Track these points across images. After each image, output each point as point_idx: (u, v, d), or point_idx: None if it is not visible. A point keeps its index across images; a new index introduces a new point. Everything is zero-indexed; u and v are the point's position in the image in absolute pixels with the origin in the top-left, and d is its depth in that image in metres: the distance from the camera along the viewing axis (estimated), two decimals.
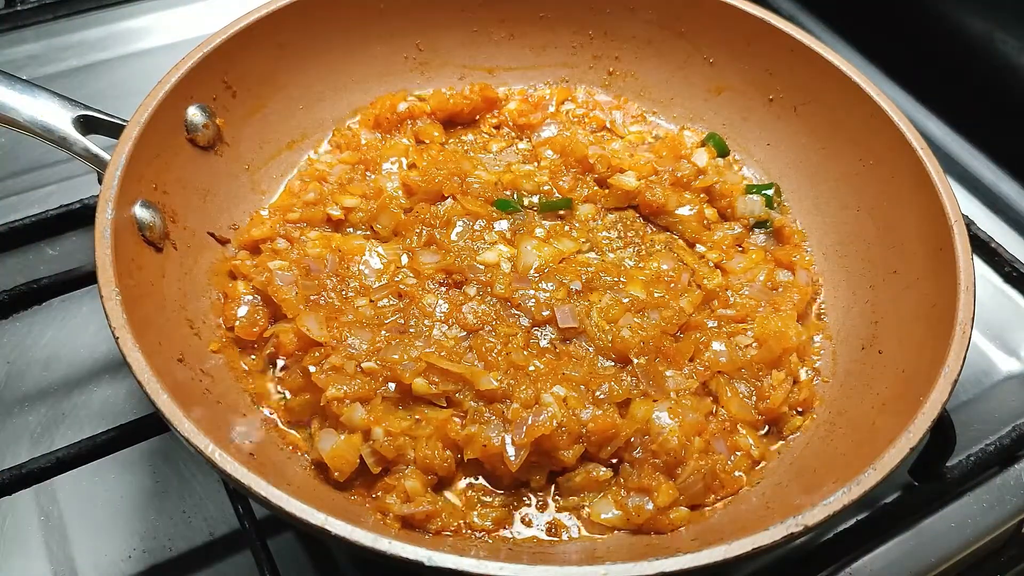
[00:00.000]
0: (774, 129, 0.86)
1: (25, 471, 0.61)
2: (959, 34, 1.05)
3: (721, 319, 0.72)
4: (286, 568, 0.60)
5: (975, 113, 1.06)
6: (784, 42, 0.83)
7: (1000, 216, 0.98)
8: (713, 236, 0.79)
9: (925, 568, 0.66)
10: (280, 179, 0.83)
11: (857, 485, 0.52)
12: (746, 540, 0.49)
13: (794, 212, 0.83)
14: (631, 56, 0.92)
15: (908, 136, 0.73)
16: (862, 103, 0.77)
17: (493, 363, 0.65)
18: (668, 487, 0.61)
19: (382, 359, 0.64)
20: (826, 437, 0.65)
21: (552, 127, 0.89)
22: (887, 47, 1.12)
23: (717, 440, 0.65)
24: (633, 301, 0.71)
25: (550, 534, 0.62)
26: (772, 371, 0.69)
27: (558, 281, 0.72)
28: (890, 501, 0.70)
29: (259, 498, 0.49)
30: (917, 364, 0.62)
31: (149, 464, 0.70)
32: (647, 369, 0.67)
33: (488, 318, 0.69)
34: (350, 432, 0.61)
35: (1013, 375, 0.82)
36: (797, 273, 0.77)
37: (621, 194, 0.80)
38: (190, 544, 0.66)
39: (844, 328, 0.74)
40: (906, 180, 0.72)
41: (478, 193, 0.79)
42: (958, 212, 0.67)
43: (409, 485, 0.60)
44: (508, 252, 0.75)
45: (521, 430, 0.60)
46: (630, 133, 0.90)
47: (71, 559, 0.65)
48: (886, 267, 0.73)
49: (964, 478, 0.70)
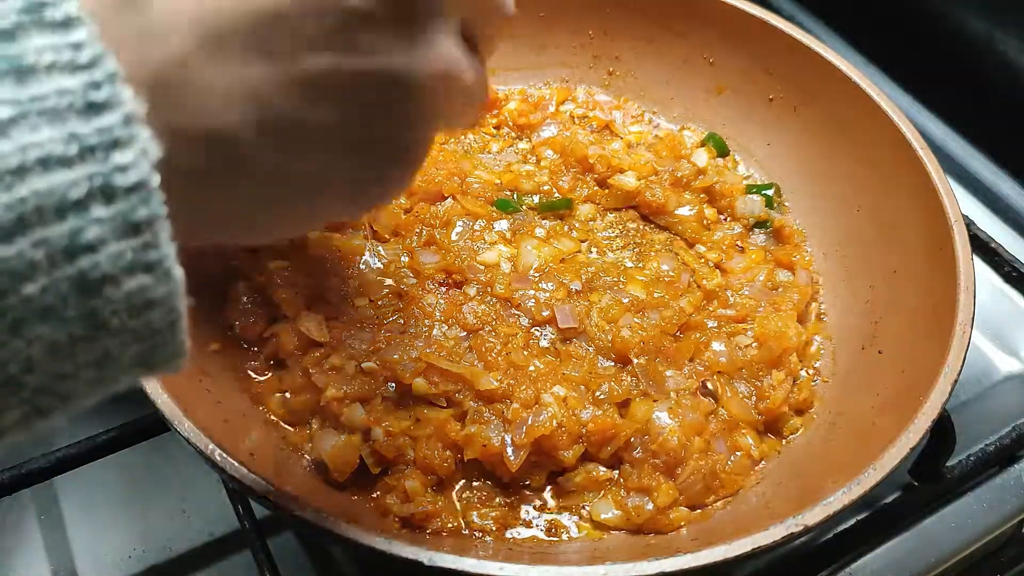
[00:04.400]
0: (774, 129, 0.86)
1: (25, 471, 0.61)
2: (959, 34, 1.05)
3: (721, 319, 0.72)
4: (286, 568, 0.59)
5: (975, 113, 1.06)
6: (784, 42, 0.83)
7: (1000, 216, 0.98)
8: (713, 236, 0.79)
9: (925, 568, 0.66)
10: None
11: (857, 485, 0.52)
12: (746, 540, 0.49)
13: (794, 212, 0.83)
14: (631, 56, 0.92)
15: (908, 136, 0.73)
16: (862, 103, 0.77)
17: (493, 363, 0.65)
18: (668, 487, 0.61)
19: (382, 359, 0.64)
20: (826, 437, 0.65)
21: (552, 127, 0.88)
22: (887, 47, 1.12)
23: (717, 440, 0.65)
24: (633, 301, 0.71)
25: (550, 534, 0.62)
26: (772, 371, 0.69)
27: (558, 281, 0.72)
28: (890, 501, 0.70)
29: (259, 498, 0.49)
30: (917, 364, 0.62)
31: (149, 464, 0.70)
32: (647, 369, 0.67)
33: (488, 318, 0.69)
34: (350, 432, 0.61)
35: (1013, 375, 0.82)
36: (797, 273, 0.77)
37: (621, 194, 0.80)
38: (190, 544, 0.66)
39: (844, 328, 0.74)
40: (906, 180, 0.72)
41: (478, 193, 0.79)
42: (958, 212, 0.68)
43: (409, 485, 0.60)
44: (508, 252, 0.75)
45: (521, 430, 0.60)
46: (630, 133, 0.90)
47: (71, 559, 0.65)
48: (886, 267, 0.73)
49: (964, 478, 0.70)
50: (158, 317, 0.29)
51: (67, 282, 0.26)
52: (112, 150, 0.27)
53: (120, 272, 0.27)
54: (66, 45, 0.27)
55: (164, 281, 0.29)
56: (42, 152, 0.26)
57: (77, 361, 0.29)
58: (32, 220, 0.26)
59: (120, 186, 0.27)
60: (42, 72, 0.26)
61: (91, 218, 0.26)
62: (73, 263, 0.26)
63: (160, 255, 0.28)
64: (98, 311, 0.28)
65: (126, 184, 0.27)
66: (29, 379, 0.28)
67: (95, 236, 0.27)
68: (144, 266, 0.28)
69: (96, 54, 0.27)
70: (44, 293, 0.26)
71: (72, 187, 0.26)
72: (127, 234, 0.27)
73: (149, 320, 0.29)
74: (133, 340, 0.29)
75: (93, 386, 0.30)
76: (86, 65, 0.27)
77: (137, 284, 0.28)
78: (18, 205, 0.25)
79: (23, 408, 0.29)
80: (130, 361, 0.30)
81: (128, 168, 0.27)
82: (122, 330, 0.29)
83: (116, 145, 0.27)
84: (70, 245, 0.26)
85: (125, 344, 0.29)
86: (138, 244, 0.28)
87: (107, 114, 0.27)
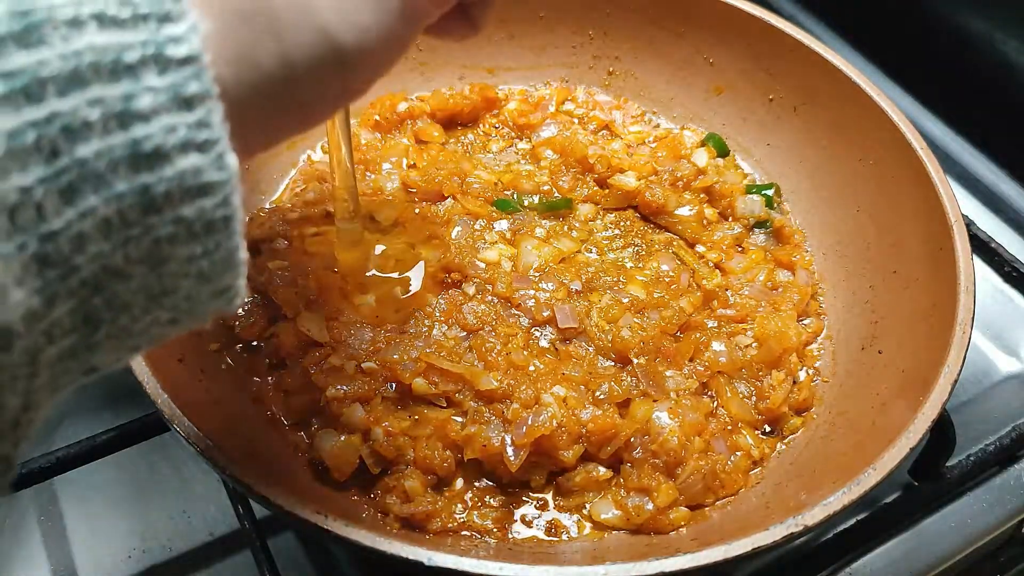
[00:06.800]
0: (774, 129, 0.86)
1: (25, 471, 0.61)
2: (959, 34, 1.04)
3: (721, 319, 0.72)
4: (286, 568, 0.60)
5: (975, 113, 1.06)
6: (784, 42, 0.83)
7: (1000, 216, 0.98)
8: (713, 236, 0.79)
9: (925, 568, 0.66)
10: (280, 179, 0.83)
11: (857, 485, 0.52)
12: (746, 540, 0.49)
13: (794, 212, 0.83)
14: (631, 56, 0.92)
15: (908, 136, 0.73)
16: (862, 103, 0.77)
17: (493, 363, 0.65)
18: (668, 487, 0.61)
19: (382, 359, 0.64)
20: (826, 437, 0.65)
21: (552, 127, 0.88)
22: (887, 47, 1.12)
23: (717, 440, 0.65)
24: (633, 301, 0.71)
25: (550, 534, 0.62)
26: (772, 371, 0.69)
27: (558, 281, 0.72)
28: (890, 501, 0.70)
29: (259, 498, 0.49)
30: (917, 364, 0.62)
31: (149, 464, 0.70)
32: (647, 369, 0.67)
33: (488, 318, 0.69)
34: (350, 432, 0.61)
35: (1013, 375, 0.82)
36: (797, 273, 0.77)
37: (621, 194, 0.81)
38: (190, 544, 0.66)
39: (844, 328, 0.74)
40: (906, 180, 0.72)
41: (478, 193, 0.79)
42: (958, 212, 0.68)
43: (409, 485, 0.60)
44: (508, 252, 0.75)
45: (521, 430, 0.60)
46: (630, 133, 0.90)
47: (71, 559, 0.65)
48: (886, 267, 0.73)
49: (964, 478, 0.70)
50: (211, 206, 0.29)
51: (121, 149, 0.26)
52: (164, 22, 0.27)
53: (173, 148, 0.27)
54: None
55: (217, 165, 0.28)
56: (96, 7, 0.26)
57: (128, 251, 0.28)
58: (88, 76, 0.25)
59: (172, 57, 0.27)
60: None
61: (145, 85, 0.26)
62: (127, 130, 0.26)
63: (213, 135, 0.28)
64: (150, 188, 0.27)
65: (178, 56, 0.27)
66: (80, 261, 0.27)
67: (148, 104, 0.26)
68: (198, 145, 0.28)
69: None
70: (97, 158, 0.26)
71: (126, 50, 0.26)
72: (180, 107, 0.27)
73: (203, 208, 0.29)
74: (187, 235, 0.29)
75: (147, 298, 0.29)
76: None
77: (190, 164, 0.28)
78: (73, 57, 0.25)
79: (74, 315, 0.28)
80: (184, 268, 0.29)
81: (180, 40, 0.27)
82: (175, 219, 0.28)
83: (168, 18, 0.27)
84: (124, 110, 0.26)
85: (177, 239, 0.29)
86: (192, 120, 0.27)
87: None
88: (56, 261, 0.26)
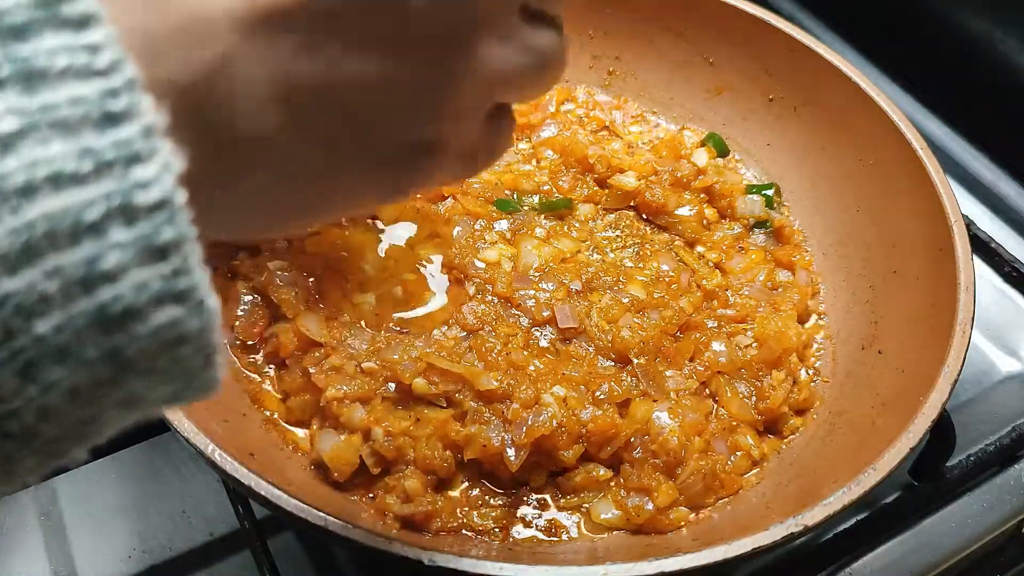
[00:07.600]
0: (774, 129, 0.86)
1: None
2: (959, 34, 1.05)
3: (721, 319, 0.72)
4: (286, 568, 0.60)
5: (975, 113, 1.06)
6: (784, 42, 0.83)
7: (1000, 216, 0.98)
8: (713, 236, 0.79)
9: (925, 568, 0.66)
10: None
11: (857, 485, 0.52)
12: (746, 540, 0.49)
13: (794, 212, 0.83)
14: (631, 56, 0.92)
15: (908, 136, 0.73)
16: (862, 103, 0.77)
17: (493, 363, 0.65)
18: (668, 487, 0.61)
19: (382, 359, 0.64)
20: (826, 437, 0.65)
21: (552, 127, 0.88)
22: (887, 47, 1.12)
23: (717, 440, 0.65)
24: (633, 301, 0.71)
25: (550, 534, 0.62)
26: (772, 371, 0.69)
27: (558, 281, 0.72)
28: (890, 501, 0.70)
29: (259, 498, 0.49)
30: (917, 364, 0.62)
31: (149, 464, 0.70)
32: (647, 369, 0.67)
33: (488, 318, 0.69)
34: (350, 432, 0.61)
35: (1013, 375, 0.82)
36: (797, 273, 0.77)
37: (621, 194, 0.80)
38: (190, 544, 0.66)
39: (844, 328, 0.74)
40: (906, 180, 0.72)
41: (478, 193, 0.79)
42: (958, 212, 0.68)
43: (409, 485, 0.60)
44: (508, 252, 0.75)
45: (521, 430, 0.60)
46: (630, 133, 0.90)
47: (71, 559, 0.65)
48: (886, 267, 0.73)
49: (964, 478, 0.70)
50: (190, 353, 0.26)
51: (85, 317, 0.23)
52: (131, 165, 0.24)
53: (146, 304, 0.24)
54: (82, 47, 0.24)
55: (197, 313, 0.25)
56: (52, 169, 0.23)
57: (99, 406, 0.26)
58: (42, 247, 0.22)
59: (141, 205, 0.24)
60: (54, 77, 0.23)
61: (110, 243, 0.23)
62: (91, 295, 0.23)
63: (191, 283, 0.25)
64: (122, 350, 0.24)
65: (148, 202, 0.24)
66: (46, 428, 0.25)
67: (115, 263, 0.23)
68: (173, 296, 0.25)
69: (115, 58, 0.24)
70: (59, 332, 0.23)
71: (87, 207, 0.23)
72: (152, 259, 0.24)
73: (180, 358, 0.26)
74: (162, 381, 0.26)
75: (116, 425, 0.28)
76: (103, 70, 0.24)
77: (166, 317, 0.25)
78: (25, 230, 0.22)
79: (37, 456, 0.26)
80: (158, 399, 0.27)
81: (149, 184, 0.24)
82: (151, 371, 0.26)
83: (136, 160, 0.24)
84: (87, 274, 0.23)
85: (153, 385, 0.26)
86: (165, 271, 0.24)
87: (125, 125, 0.24)
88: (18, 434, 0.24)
